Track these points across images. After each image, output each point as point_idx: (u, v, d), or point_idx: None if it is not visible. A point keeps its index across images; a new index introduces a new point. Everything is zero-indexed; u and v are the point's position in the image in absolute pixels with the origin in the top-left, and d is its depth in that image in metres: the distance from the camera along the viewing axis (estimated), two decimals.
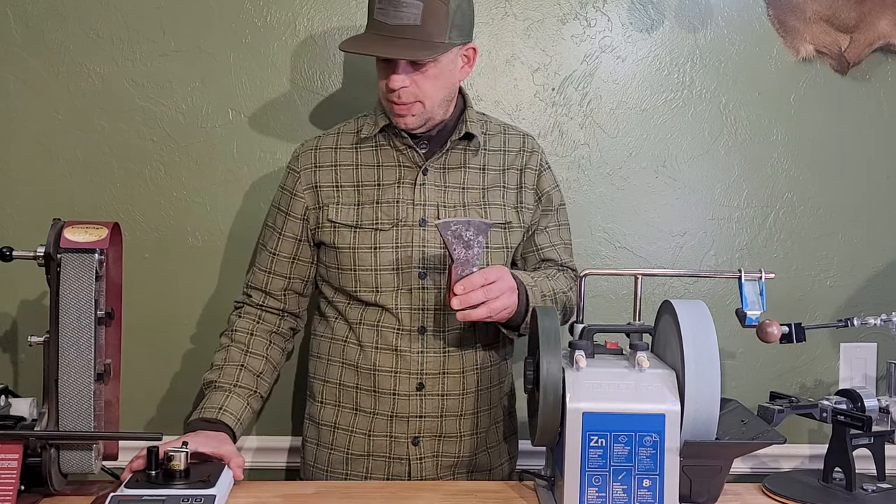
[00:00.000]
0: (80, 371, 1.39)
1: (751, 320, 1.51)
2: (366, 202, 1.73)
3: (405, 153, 1.75)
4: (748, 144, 2.17)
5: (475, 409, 1.78)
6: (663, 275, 1.95)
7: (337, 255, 1.74)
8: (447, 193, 1.75)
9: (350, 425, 1.76)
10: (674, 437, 1.36)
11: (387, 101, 1.69)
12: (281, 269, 1.79)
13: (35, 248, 1.43)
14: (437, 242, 1.71)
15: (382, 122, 1.74)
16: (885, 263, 2.20)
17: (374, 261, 1.72)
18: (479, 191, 1.77)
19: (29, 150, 2.06)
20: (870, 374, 2.18)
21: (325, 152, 1.78)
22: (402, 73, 1.64)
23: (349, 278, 1.73)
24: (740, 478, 2.06)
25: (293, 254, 1.78)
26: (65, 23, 2.04)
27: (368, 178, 1.75)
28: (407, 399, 1.72)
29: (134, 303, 2.05)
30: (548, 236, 1.85)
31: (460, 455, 1.77)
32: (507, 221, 1.78)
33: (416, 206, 1.72)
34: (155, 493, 1.38)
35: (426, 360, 1.72)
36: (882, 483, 1.63)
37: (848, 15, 2.13)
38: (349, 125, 1.82)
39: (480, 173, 1.78)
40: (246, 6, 2.07)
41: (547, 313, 1.45)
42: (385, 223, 1.72)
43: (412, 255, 1.71)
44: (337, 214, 1.73)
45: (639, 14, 2.13)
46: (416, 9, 1.61)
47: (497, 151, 1.82)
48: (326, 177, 1.76)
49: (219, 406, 1.65)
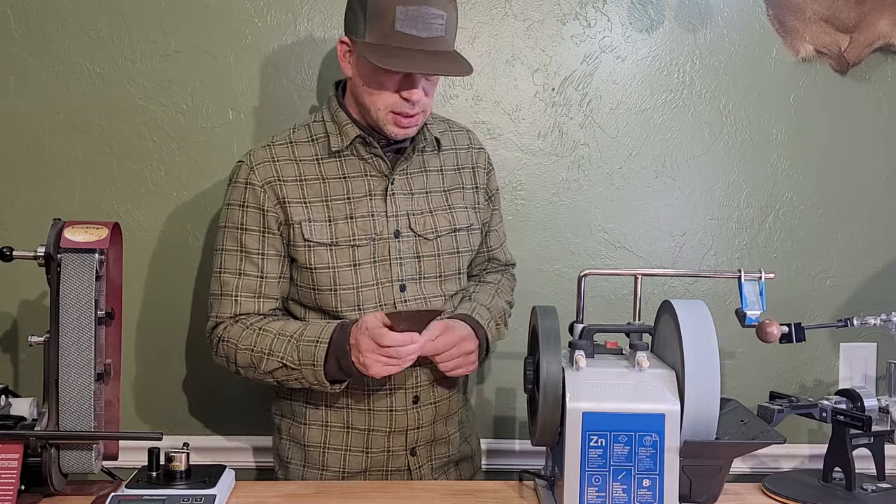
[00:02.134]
0: (80, 371, 1.39)
1: (751, 320, 1.51)
2: (338, 218, 1.65)
3: (372, 163, 1.68)
4: (748, 144, 2.17)
5: (458, 406, 1.80)
6: (663, 275, 1.95)
7: (313, 275, 1.65)
8: (414, 200, 1.71)
9: (343, 444, 1.71)
10: (673, 437, 1.36)
11: (392, 112, 1.61)
12: (271, 291, 1.66)
13: (35, 248, 1.43)
14: (412, 253, 1.69)
15: (353, 133, 1.66)
16: (885, 263, 2.20)
17: (355, 278, 1.65)
18: (441, 194, 1.75)
19: (29, 150, 2.06)
20: (869, 373, 2.18)
21: (286, 164, 1.66)
22: (420, 87, 1.60)
23: (329, 298, 1.65)
24: (740, 478, 2.06)
25: (280, 272, 1.67)
26: (65, 23, 2.04)
27: (337, 192, 1.66)
28: (405, 413, 1.71)
29: (134, 303, 2.05)
30: (497, 236, 1.88)
31: (450, 453, 1.79)
32: (470, 224, 1.77)
33: (388, 217, 1.68)
34: (155, 493, 1.38)
35: (419, 373, 1.70)
36: (882, 483, 1.62)
37: (848, 15, 2.13)
38: (300, 133, 1.71)
39: (439, 175, 1.75)
40: (246, 6, 2.07)
41: (547, 313, 1.45)
42: (362, 238, 1.66)
43: (391, 269, 1.67)
44: (311, 233, 1.63)
45: (639, 14, 2.13)
46: (442, 20, 1.57)
47: (449, 150, 1.78)
48: (293, 192, 1.64)
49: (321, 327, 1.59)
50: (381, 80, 1.60)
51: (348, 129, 1.66)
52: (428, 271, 1.71)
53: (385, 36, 1.56)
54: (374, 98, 1.61)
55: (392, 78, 1.59)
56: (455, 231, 1.74)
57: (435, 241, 1.71)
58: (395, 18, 1.54)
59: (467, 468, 1.85)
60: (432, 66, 1.57)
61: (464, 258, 1.76)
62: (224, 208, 1.69)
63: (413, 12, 1.54)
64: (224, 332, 1.65)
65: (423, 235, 1.70)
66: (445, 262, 1.73)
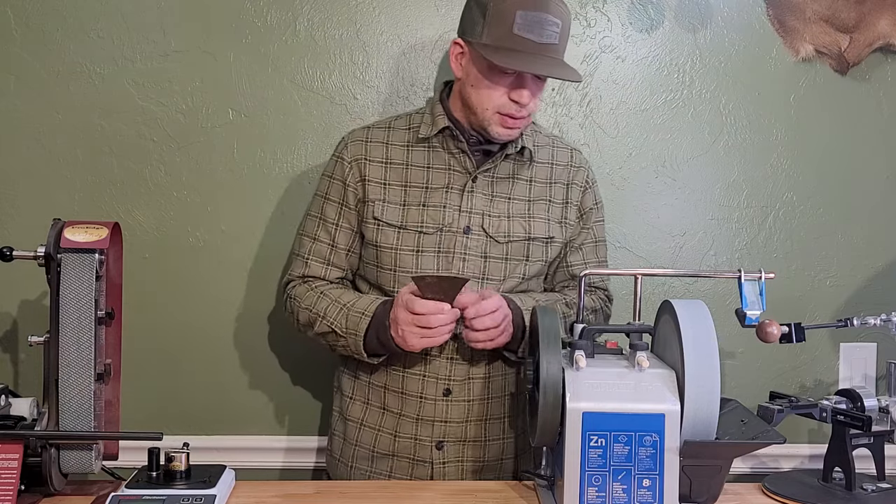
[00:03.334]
0: (80, 371, 1.39)
1: (751, 320, 1.51)
2: (412, 203, 1.72)
3: (458, 158, 1.74)
4: (748, 144, 2.17)
5: (501, 413, 1.77)
6: (663, 275, 1.96)
7: (378, 253, 1.73)
8: (493, 203, 1.74)
9: (377, 423, 1.76)
10: (673, 437, 1.36)
11: (500, 113, 1.67)
12: (339, 261, 1.78)
13: (35, 248, 1.43)
14: (479, 252, 1.72)
15: (442, 123, 1.73)
16: (885, 263, 2.20)
17: (416, 263, 1.71)
18: (524, 203, 1.77)
19: (29, 150, 2.05)
20: (869, 373, 2.18)
21: (377, 146, 1.76)
22: (529, 90, 1.65)
23: (388, 278, 1.73)
24: (740, 478, 2.06)
25: (349, 245, 1.77)
26: (65, 23, 2.04)
27: (417, 179, 1.74)
28: (433, 403, 1.72)
29: (134, 303, 2.05)
30: (582, 254, 1.85)
31: (485, 460, 1.76)
32: (550, 236, 1.78)
33: (461, 212, 1.72)
34: (155, 493, 1.38)
35: (454, 366, 1.73)
36: (882, 483, 1.63)
37: (848, 15, 2.13)
38: (401, 121, 1.80)
39: (528, 185, 1.78)
40: (246, 6, 2.07)
41: (547, 313, 1.46)
42: (430, 227, 1.71)
43: (453, 262, 1.71)
44: (383, 212, 1.72)
45: (639, 14, 2.13)
46: (557, 27, 1.64)
47: (545, 164, 1.81)
48: (376, 172, 1.74)
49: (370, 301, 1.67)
50: (494, 79, 1.65)
51: (439, 119, 1.74)
52: (492, 273, 1.73)
53: (503, 38, 1.62)
54: (483, 98, 1.67)
55: (504, 78, 1.65)
56: (529, 240, 1.76)
57: (505, 245, 1.74)
58: (515, 22, 1.61)
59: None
60: (546, 68, 1.64)
61: (532, 267, 1.77)
62: (321, 177, 1.83)
63: (532, 18, 1.60)
64: (292, 290, 1.79)
65: (494, 237, 1.73)
66: (511, 267, 1.75)
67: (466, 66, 1.69)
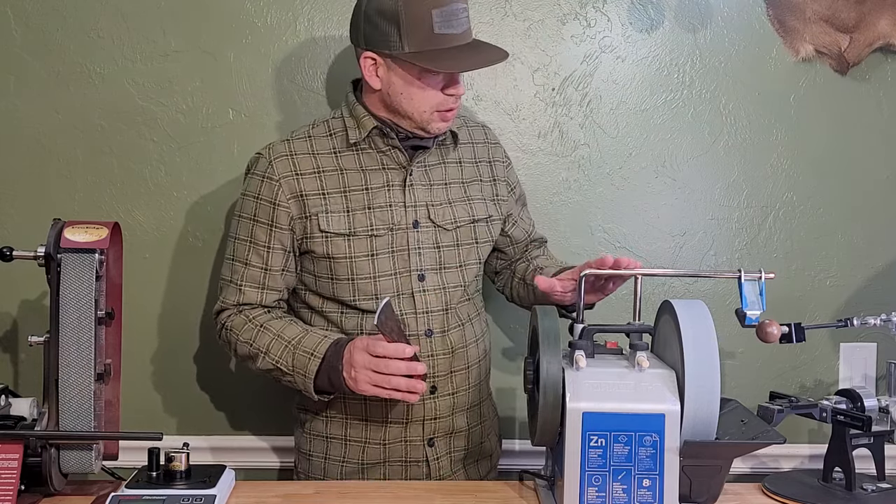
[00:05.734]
0: (80, 371, 1.39)
1: (751, 320, 1.51)
2: (356, 208, 1.69)
3: (389, 155, 1.72)
4: (748, 144, 2.17)
5: (479, 399, 1.81)
6: (663, 275, 1.95)
7: (331, 264, 1.69)
8: (433, 192, 1.75)
9: (362, 437, 1.74)
10: (673, 437, 1.36)
11: (437, 110, 1.66)
12: (274, 283, 1.71)
13: (35, 248, 1.43)
14: (431, 243, 1.72)
15: (370, 124, 1.69)
16: (885, 263, 2.20)
17: (372, 268, 1.69)
18: (460, 185, 1.78)
19: (29, 150, 2.06)
20: (869, 374, 2.18)
21: (304, 158, 1.70)
22: (461, 80, 1.66)
23: (346, 287, 1.70)
24: (740, 478, 2.05)
25: (284, 265, 1.71)
26: (65, 23, 2.04)
27: (355, 183, 1.70)
28: (422, 403, 1.72)
29: (134, 303, 2.05)
30: (524, 226, 1.92)
31: (469, 447, 1.79)
32: (489, 215, 1.80)
33: (407, 208, 1.71)
34: (155, 493, 1.38)
35: (437, 362, 1.72)
36: (882, 483, 1.62)
37: (848, 15, 2.13)
38: (318, 128, 1.75)
39: (458, 167, 1.79)
40: (246, 6, 2.07)
41: (547, 313, 1.46)
42: (380, 228, 1.69)
43: (409, 259, 1.71)
44: (328, 223, 1.67)
45: (639, 14, 2.13)
46: (466, 12, 1.66)
47: (466, 144, 1.83)
48: (310, 184, 1.68)
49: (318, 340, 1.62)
50: (426, 81, 1.64)
51: (365, 121, 1.71)
52: (448, 261, 1.74)
53: (426, 41, 1.61)
54: (418, 102, 1.65)
55: (436, 78, 1.64)
56: (474, 222, 1.78)
57: (454, 232, 1.75)
58: (434, 22, 1.60)
59: (486, 466, 1.87)
60: (478, 60, 1.66)
61: (483, 248, 1.80)
62: (240, 198, 1.74)
63: (447, 12, 1.61)
64: (228, 319, 1.72)
65: (442, 226, 1.74)
66: (465, 252, 1.76)
67: (387, 77, 1.65)
